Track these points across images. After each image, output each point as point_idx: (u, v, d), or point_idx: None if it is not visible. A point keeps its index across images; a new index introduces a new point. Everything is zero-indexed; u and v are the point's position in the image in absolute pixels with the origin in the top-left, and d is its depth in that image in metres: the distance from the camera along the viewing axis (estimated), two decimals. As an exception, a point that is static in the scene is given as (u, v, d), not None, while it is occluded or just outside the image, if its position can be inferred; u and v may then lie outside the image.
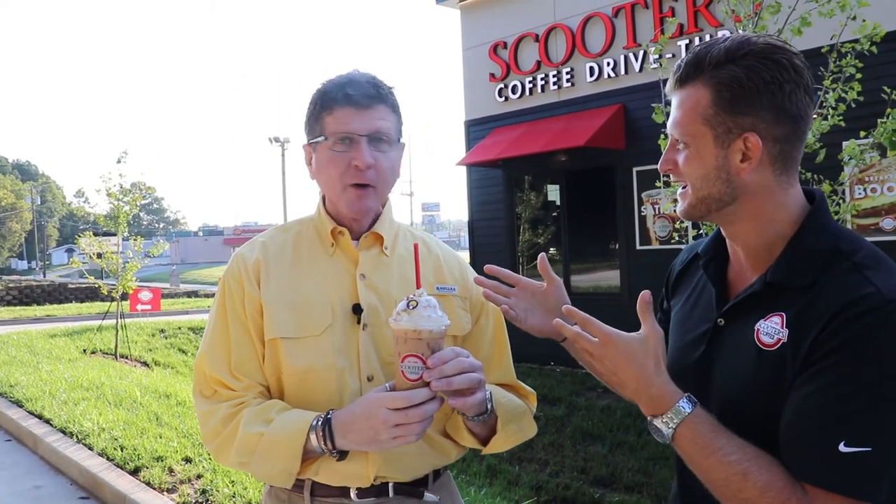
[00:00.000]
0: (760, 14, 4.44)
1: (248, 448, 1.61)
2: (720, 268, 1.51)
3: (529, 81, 12.01)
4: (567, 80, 11.51)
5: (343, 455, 1.58)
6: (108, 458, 6.03)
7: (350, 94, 1.68)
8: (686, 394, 1.34)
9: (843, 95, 4.51)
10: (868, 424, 1.19)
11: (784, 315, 1.30)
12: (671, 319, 1.64)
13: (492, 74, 12.55)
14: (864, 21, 4.47)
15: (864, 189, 8.35)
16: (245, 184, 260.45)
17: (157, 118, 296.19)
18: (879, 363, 1.18)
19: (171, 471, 5.62)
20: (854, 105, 4.55)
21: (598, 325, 1.38)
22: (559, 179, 11.99)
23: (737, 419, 1.31)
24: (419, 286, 1.56)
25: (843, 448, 1.18)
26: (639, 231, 10.52)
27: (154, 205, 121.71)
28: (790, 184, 1.38)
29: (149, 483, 5.43)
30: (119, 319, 12.66)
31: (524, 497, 6.08)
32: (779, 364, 1.29)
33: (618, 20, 10.92)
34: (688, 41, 10.06)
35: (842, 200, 4.73)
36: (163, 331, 14.72)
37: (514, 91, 12.20)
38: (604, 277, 11.41)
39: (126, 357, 12.51)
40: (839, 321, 1.21)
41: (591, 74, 11.18)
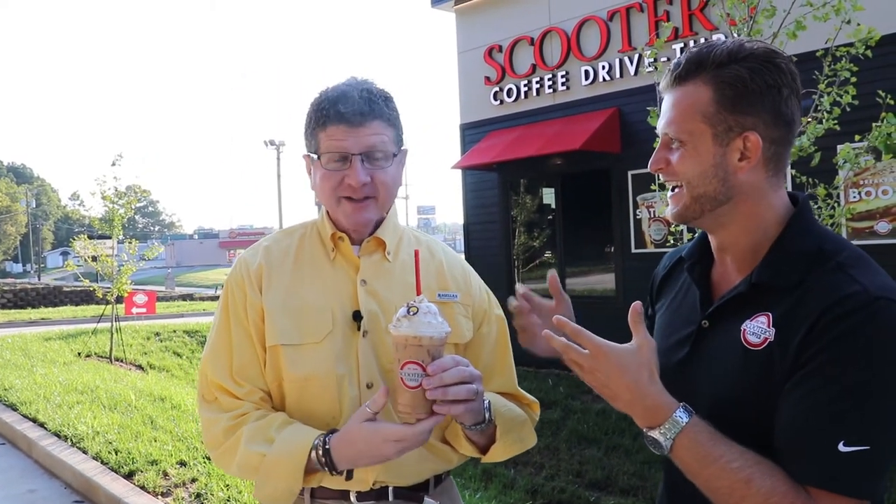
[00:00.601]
0: (755, 18, 4.45)
1: (251, 467, 1.62)
2: (704, 271, 1.51)
3: (525, 85, 12.02)
4: (562, 84, 11.52)
5: (350, 474, 1.60)
6: (103, 462, 6.01)
7: (341, 112, 1.65)
8: (682, 403, 1.33)
9: (838, 99, 4.52)
10: (864, 422, 1.20)
11: (770, 315, 1.31)
12: (655, 323, 1.65)
13: (487, 78, 12.56)
14: (859, 25, 4.49)
15: (859, 192, 8.36)
16: (240, 187, 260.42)
17: (153, 121, 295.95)
18: (869, 361, 1.20)
19: (166, 474, 5.61)
20: (849, 109, 4.56)
21: (589, 337, 1.35)
22: (554, 183, 12.00)
23: (726, 419, 1.32)
24: (419, 292, 1.54)
25: (843, 448, 1.19)
26: (634, 234, 10.53)
27: (149, 208, 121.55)
28: (779, 186, 1.40)
29: (143, 487, 5.41)
30: (114, 322, 12.63)
31: (519, 501, 6.08)
32: (766, 363, 1.30)
33: (613, 24, 10.94)
34: (683, 45, 10.08)
35: (836, 204, 4.73)
36: (158, 334, 14.68)
37: (510, 94, 12.21)
38: (599, 281, 11.41)
39: (121, 360, 12.48)
40: (827, 320, 1.23)
41: (587, 78, 11.19)
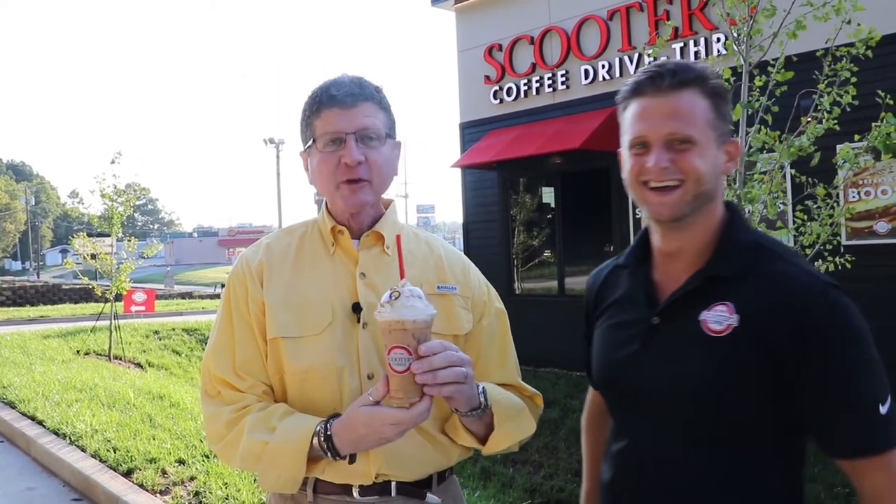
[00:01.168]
0: (755, 17, 4.44)
1: (253, 456, 1.64)
2: (646, 273, 1.62)
3: (524, 84, 12.02)
4: (562, 83, 11.52)
5: (353, 458, 1.62)
6: (101, 460, 6.01)
7: (334, 95, 1.70)
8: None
9: (838, 99, 4.51)
10: (882, 383, 1.37)
11: (729, 304, 1.43)
12: (596, 328, 1.74)
13: (487, 77, 12.56)
14: (860, 25, 4.48)
15: (859, 192, 8.37)
16: (240, 185, 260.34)
17: (152, 119, 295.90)
18: (855, 338, 1.37)
19: (165, 472, 5.60)
20: (849, 109, 4.56)
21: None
22: (554, 182, 12.00)
23: (691, 404, 1.45)
24: (403, 277, 1.56)
25: (883, 410, 1.35)
26: (633, 234, 10.52)
27: (148, 206, 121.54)
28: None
29: (142, 485, 5.41)
30: (113, 320, 12.62)
31: (518, 499, 6.08)
32: (731, 347, 1.41)
33: (613, 23, 10.94)
34: (682, 44, 10.08)
35: (836, 204, 4.73)
36: (157, 332, 14.68)
37: (509, 93, 12.21)
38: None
39: (120, 358, 12.48)
40: (798, 308, 1.37)
41: (586, 77, 11.20)
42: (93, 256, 12.92)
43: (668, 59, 1.55)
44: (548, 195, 12.32)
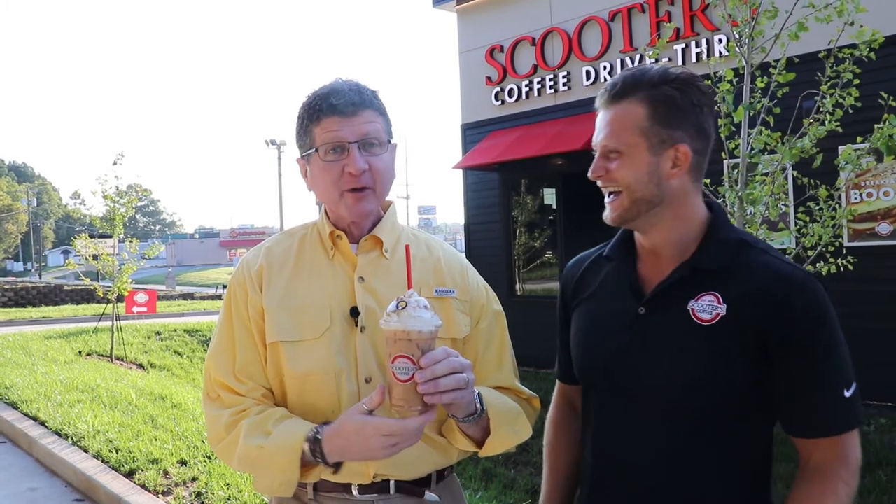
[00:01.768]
0: (757, 18, 4.44)
1: (249, 460, 1.65)
2: (632, 266, 1.67)
3: (526, 85, 12.03)
4: (563, 84, 11.52)
5: (338, 466, 1.62)
6: (104, 461, 6.02)
7: (334, 104, 1.70)
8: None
9: (841, 101, 4.51)
10: (846, 368, 1.47)
11: (717, 294, 1.50)
12: (576, 318, 1.78)
13: (488, 78, 12.56)
14: (862, 27, 4.48)
15: (861, 194, 8.36)
16: (241, 186, 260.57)
17: (154, 121, 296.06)
18: (827, 325, 1.46)
19: (167, 473, 5.61)
20: (851, 110, 4.56)
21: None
22: (556, 183, 12.00)
23: (683, 390, 1.50)
24: (410, 287, 1.57)
25: (847, 394, 1.46)
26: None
27: (150, 207, 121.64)
28: (699, 191, 1.61)
29: (144, 486, 5.42)
30: (115, 321, 12.64)
31: (519, 501, 6.08)
32: (719, 334, 1.48)
33: (614, 24, 10.94)
34: (684, 45, 10.09)
35: (838, 205, 4.73)
36: (158, 333, 14.69)
37: (511, 94, 12.21)
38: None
39: (122, 359, 12.49)
40: (786, 299, 1.45)
41: (588, 78, 11.20)
42: (94, 257, 12.93)
43: (628, 69, 1.62)
44: (549, 196, 12.32)
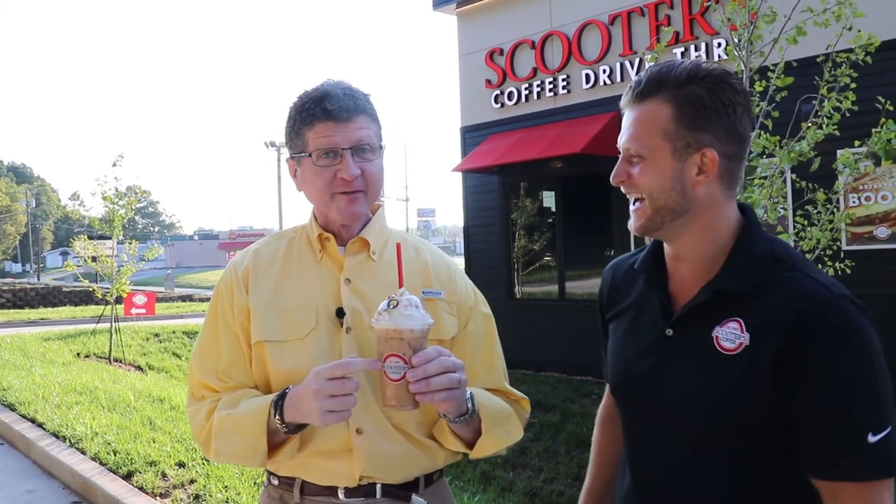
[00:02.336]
0: (756, 23, 4.45)
1: (220, 429, 1.68)
2: (661, 280, 1.57)
3: (525, 88, 12.04)
4: (563, 87, 11.53)
5: (291, 429, 1.62)
6: (101, 463, 6.01)
7: (329, 109, 1.71)
8: None
9: (838, 105, 4.52)
10: (879, 409, 1.29)
11: (741, 320, 1.39)
12: (612, 331, 1.70)
13: (488, 81, 12.57)
14: (860, 31, 4.49)
15: (859, 198, 8.38)
16: (241, 188, 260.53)
17: (153, 122, 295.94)
18: (856, 355, 1.30)
19: (165, 475, 5.61)
20: (849, 114, 4.56)
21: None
22: (555, 186, 12.01)
23: (705, 423, 1.41)
24: (401, 285, 1.58)
25: (871, 439, 1.28)
26: (634, 239, 10.53)
27: (149, 208, 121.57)
28: (732, 198, 1.49)
29: (142, 488, 5.41)
30: (113, 323, 12.63)
31: (518, 504, 6.08)
32: (743, 366, 1.36)
33: (614, 28, 10.96)
34: (683, 49, 10.10)
35: (836, 209, 4.73)
36: (157, 335, 14.68)
37: (511, 98, 12.22)
38: (599, 285, 11.38)
39: (120, 361, 12.48)
40: (802, 323, 1.32)
41: (587, 81, 11.21)
42: (93, 259, 12.94)
43: (656, 63, 1.50)
44: (549, 199, 12.32)
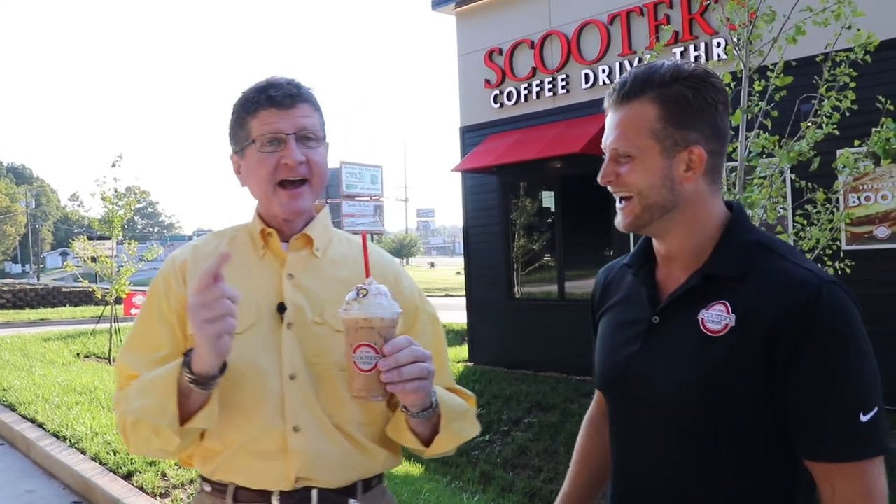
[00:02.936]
0: (755, 22, 4.45)
1: (132, 396, 1.64)
2: (650, 273, 1.61)
3: (525, 88, 12.03)
4: (562, 87, 11.53)
5: (199, 381, 1.53)
6: (101, 463, 6.02)
7: (272, 96, 1.70)
8: None
9: (838, 104, 4.52)
10: (867, 389, 1.35)
11: (727, 303, 1.43)
12: (600, 327, 1.74)
13: (487, 81, 12.57)
14: (859, 30, 4.49)
15: (859, 197, 8.37)
16: (239, 188, 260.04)
17: (152, 122, 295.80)
18: (845, 338, 1.35)
19: (164, 475, 5.61)
20: (848, 114, 4.56)
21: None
22: (554, 186, 12.01)
23: (690, 403, 1.44)
24: (368, 275, 1.55)
25: (863, 418, 1.33)
26: (633, 238, 10.52)
27: (149, 209, 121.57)
28: (717, 193, 1.54)
29: (142, 488, 5.42)
30: (113, 323, 12.63)
31: None
32: (728, 347, 1.40)
33: (613, 27, 10.96)
34: (682, 49, 10.10)
35: (836, 209, 4.73)
36: (157, 335, 14.64)
37: (510, 97, 12.22)
38: (598, 284, 11.38)
39: (119, 361, 12.46)
40: (791, 307, 1.36)
41: (587, 81, 11.21)
42: (93, 259, 12.94)
43: (638, 66, 1.53)
44: (548, 199, 12.32)
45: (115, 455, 6.07)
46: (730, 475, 1.42)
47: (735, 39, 4.60)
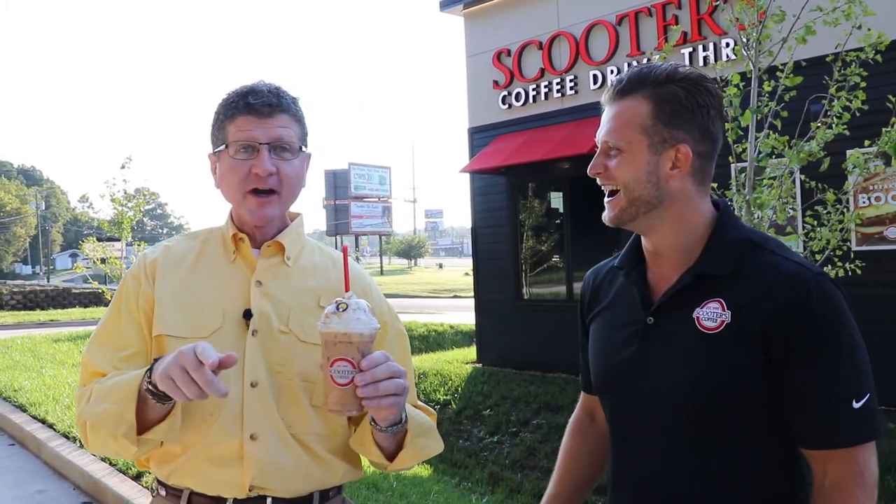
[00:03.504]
0: (765, 22, 4.44)
1: (93, 399, 1.62)
2: (641, 274, 1.63)
3: (533, 89, 12.03)
4: (570, 88, 11.52)
5: (157, 393, 1.50)
6: (111, 464, 6.03)
7: (251, 103, 1.69)
8: None
9: (848, 104, 4.50)
10: (859, 376, 1.39)
11: (722, 300, 1.45)
12: (593, 330, 1.75)
13: (495, 82, 12.57)
14: (869, 30, 4.47)
15: (869, 198, 8.33)
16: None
17: (162, 124, 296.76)
18: (838, 327, 1.39)
19: (174, 476, 5.62)
20: (858, 114, 4.55)
21: None
22: (562, 187, 11.99)
23: (690, 400, 1.46)
24: (348, 289, 1.54)
25: (856, 405, 1.37)
26: (642, 239, 10.49)
27: (157, 210, 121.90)
28: (705, 194, 1.56)
29: (151, 489, 5.43)
30: (122, 325, 12.64)
31: (527, 505, 6.07)
32: (725, 343, 1.42)
33: (621, 28, 10.94)
34: (691, 49, 10.08)
35: (846, 209, 4.71)
36: (166, 336, 14.68)
37: (518, 98, 12.21)
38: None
39: (129, 362, 12.49)
40: (784, 301, 1.39)
41: (595, 82, 11.19)
42: (102, 261, 13.00)
43: (636, 66, 1.56)
44: (556, 200, 12.31)
45: (125, 456, 6.08)
46: (731, 474, 1.44)
47: (744, 39, 4.59)
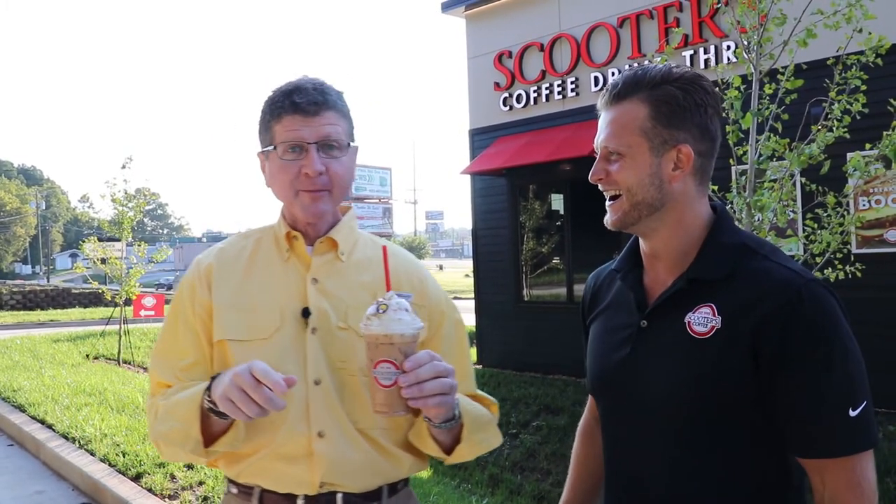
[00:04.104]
0: (766, 25, 4.44)
1: (160, 416, 1.65)
2: (637, 277, 1.63)
3: (534, 91, 12.03)
4: (572, 90, 11.52)
5: (216, 410, 1.52)
6: (110, 464, 6.04)
7: (297, 102, 1.67)
8: None
9: (848, 107, 4.50)
10: (855, 384, 1.36)
11: (713, 305, 1.44)
12: (591, 332, 1.76)
13: (496, 83, 12.57)
14: (870, 33, 4.48)
15: (869, 201, 8.33)
16: (249, 190, 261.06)
17: (162, 124, 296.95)
18: (830, 336, 1.36)
19: (173, 477, 5.62)
20: (859, 117, 4.55)
21: None
22: (563, 189, 11.99)
23: (681, 404, 1.45)
24: (389, 288, 1.54)
25: (853, 413, 1.34)
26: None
27: (158, 210, 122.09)
28: (704, 195, 1.56)
29: (150, 489, 5.43)
30: (122, 325, 12.68)
31: (526, 507, 6.07)
32: (715, 348, 1.42)
33: (623, 30, 10.94)
34: (692, 52, 10.08)
35: (846, 212, 4.71)
36: (166, 337, 14.69)
37: (519, 100, 12.22)
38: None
39: (129, 363, 12.52)
40: (775, 307, 1.37)
41: (596, 84, 11.20)
42: (103, 261, 12.98)
43: (630, 68, 1.56)
44: (557, 202, 12.30)
45: (124, 456, 6.08)
46: (724, 475, 1.44)
47: (745, 42, 4.59)
